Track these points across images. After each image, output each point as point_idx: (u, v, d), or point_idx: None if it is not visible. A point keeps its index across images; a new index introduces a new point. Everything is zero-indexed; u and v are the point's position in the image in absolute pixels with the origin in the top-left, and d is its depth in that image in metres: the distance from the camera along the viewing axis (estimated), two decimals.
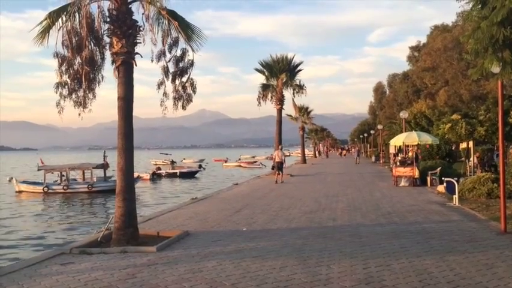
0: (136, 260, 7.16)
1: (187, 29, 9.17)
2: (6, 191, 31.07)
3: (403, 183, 19.41)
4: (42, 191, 28.28)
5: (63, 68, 8.72)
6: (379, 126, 50.95)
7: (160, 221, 11.42)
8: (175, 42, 9.22)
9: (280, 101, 29.66)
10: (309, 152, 73.69)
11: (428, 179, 19.04)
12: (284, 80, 29.79)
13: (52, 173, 30.36)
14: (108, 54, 8.94)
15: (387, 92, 76.60)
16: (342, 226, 9.98)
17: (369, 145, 71.62)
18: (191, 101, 9.70)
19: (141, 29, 8.85)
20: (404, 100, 59.36)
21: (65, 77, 8.76)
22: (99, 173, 30.50)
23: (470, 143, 21.88)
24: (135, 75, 8.83)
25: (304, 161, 48.72)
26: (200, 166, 51.49)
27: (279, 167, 23.16)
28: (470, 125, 20.19)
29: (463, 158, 27.09)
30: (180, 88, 9.50)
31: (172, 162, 54.34)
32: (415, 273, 6.11)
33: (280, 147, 25.99)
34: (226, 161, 71.60)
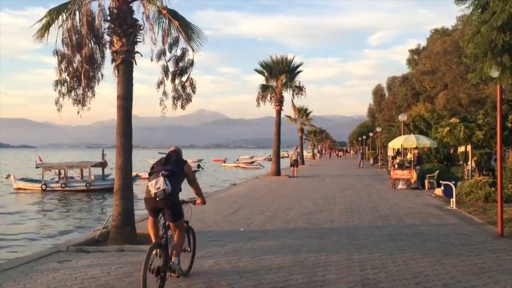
0: (134, 259, 7.15)
1: (187, 29, 9.17)
2: (4, 188, 31.03)
3: (400, 185, 19.45)
4: (40, 188, 28.28)
5: (63, 66, 8.71)
6: (378, 129, 51.02)
7: None
8: (175, 42, 9.22)
9: (280, 102, 29.63)
10: (307, 154, 73.72)
11: (426, 182, 19.07)
12: (284, 81, 29.75)
13: (50, 170, 30.35)
14: (108, 52, 8.94)
15: (386, 95, 76.77)
16: (339, 228, 9.99)
17: (367, 147, 71.75)
18: (190, 100, 9.71)
19: (142, 28, 8.85)
20: (404, 103, 59.50)
21: (65, 75, 8.76)
22: (98, 171, 30.52)
23: (469, 147, 21.93)
24: (134, 74, 8.84)
25: (302, 162, 48.72)
26: (199, 166, 51.49)
27: (294, 164, 29.00)
28: (468, 129, 20.23)
29: (461, 162, 27.14)
30: (179, 88, 9.51)
31: None
32: (411, 275, 6.12)
33: (296, 147, 32.52)
34: (224, 161, 71.61)
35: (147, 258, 5.04)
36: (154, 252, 5.22)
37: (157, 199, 5.30)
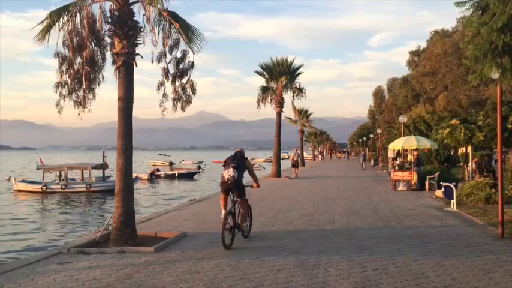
0: (134, 260, 7.17)
1: (188, 31, 9.19)
2: (4, 190, 31.04)
3: (401, 187, 19.44)
4: (40, 190, 28.29)
5: (64, 68, 8.73)
6: (378, 130, 51.02)
7: (158, 221, 11.43)
8: (176, 44, 9.24)
9: (280, 103, 29.64)
10: (307, 155, 73.69)
11: (427, 183, 19.07)
12: (284, 82, 29.76)
13: (51, 172, 30.37)
14: (108, 54, 8.96)
15: (387, 96, 76.69)
16: (339, 229, 9.99)
17: (367, 149, 71.72)
18: (191, 102, 9.73)
19: (142, 30, 8.87)
20: (404, 104, 59.43)
21: (65, 77, 8.78)
22: (98, 173, 30.55)
23: (469, 148, 21.92)
24: (135, 76, 8.85)
25: (303, 164, 48.72)
26: (199, 167, 51.56)
27: (295, 164, 30.72)
28: (469, 130, 20.22)
29: (461, 163, 27.14)
30: (179, 89, 9.52)
31: (171, 163, 54.37)
32: (412, 277, 6.12)
33: (296, 149, 35.57)
34: None
35: (224, 220, 7.77)
36: (228, 216, 7.92)
37: (229, 182, 8.17)
